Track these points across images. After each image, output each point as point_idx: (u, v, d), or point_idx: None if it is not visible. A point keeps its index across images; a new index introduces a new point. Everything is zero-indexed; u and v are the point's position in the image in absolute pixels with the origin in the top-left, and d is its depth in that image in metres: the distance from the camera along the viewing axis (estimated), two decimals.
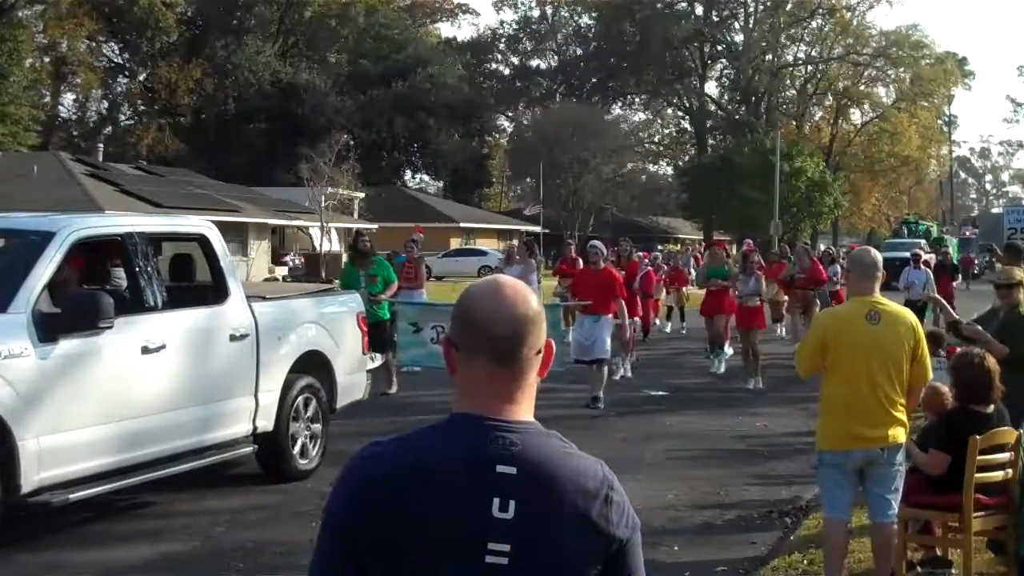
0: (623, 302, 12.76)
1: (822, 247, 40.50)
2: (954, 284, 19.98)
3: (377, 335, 12.01)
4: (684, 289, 23.04)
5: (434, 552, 1.87)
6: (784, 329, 20.72)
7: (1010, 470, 6.00)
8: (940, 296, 17.55)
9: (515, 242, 18.37)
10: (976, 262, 54.50)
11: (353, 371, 9.67)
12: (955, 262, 23.34)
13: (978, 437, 5.78)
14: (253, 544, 7.10)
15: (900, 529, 6.02)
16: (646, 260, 19.82)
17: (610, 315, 12.41)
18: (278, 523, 7.61)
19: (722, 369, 15.87)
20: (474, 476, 1.89)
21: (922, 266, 19.14)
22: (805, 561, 6.65)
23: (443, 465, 1.90)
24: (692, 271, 24.10)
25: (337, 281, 15.73)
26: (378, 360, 10.84)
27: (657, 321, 22.61)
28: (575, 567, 1.93)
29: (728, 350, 16.25)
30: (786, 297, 19.40)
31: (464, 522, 1.87)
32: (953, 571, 6.36)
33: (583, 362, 12.46)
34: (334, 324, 9.41)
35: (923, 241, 44.01)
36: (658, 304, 22.98)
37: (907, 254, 21.49)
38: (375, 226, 49.07)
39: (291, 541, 7.09)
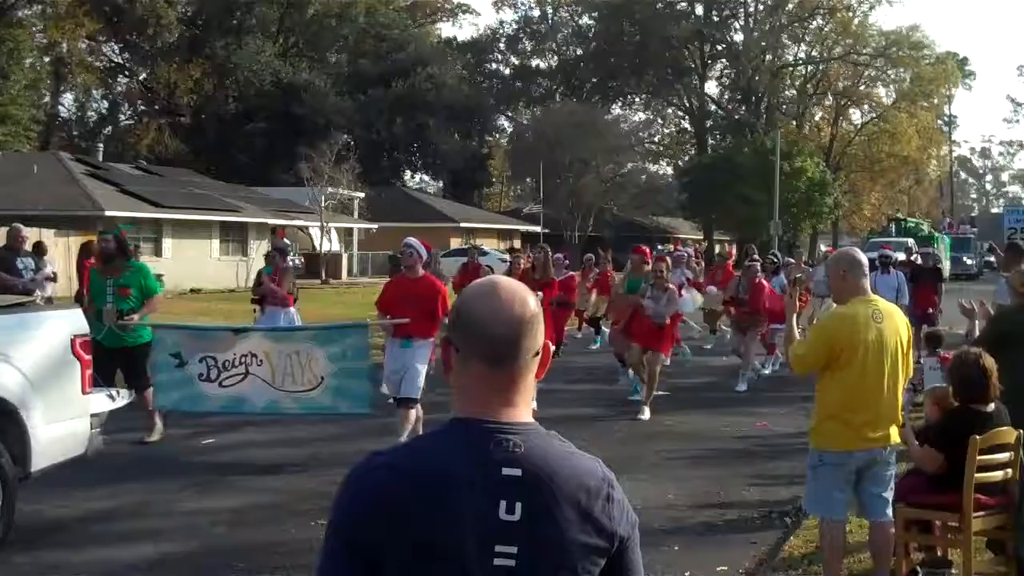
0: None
1: (823, 247, 40.09)
2: (937, 292, 16.99)
3: (130, 365, 9.94)
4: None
5: (443, 557, 1.88)
6: (712, 343, 19.08)
7: (1010, 470, 6.00)
8: (920, 304, 16.63)
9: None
10: (972, 263, 54.23)
11: (63, 418, 7.21)
12: (938, 265, 19.57)
13: (978, 437, 5.78)
14: (253, 544, 7.11)
15: (900, 528, 6.02)
16: (565, 261, 17.93)
17: (430, 339, 9.63)
18: (278, 523, 7.60)
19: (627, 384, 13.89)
20: (481, 480, 1.89)
21: (892, 269, 16.59)
22: (805, 561, 6.65)
23: (449, 470, 1.90)
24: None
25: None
26: (122, 399, 8.44)
27: (579, 334, 20.46)
28: (579, 565, 1.93)
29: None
30: (723, 310, 17.39)
31: (472, 526, 1.88)
32: (953, 571, 6.35)
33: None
34: (26, 353, 6.94)
35: (911, 241, 42.85)
36: (581, 316, 20.18)
37: (875, 254, 17.55)
38: (375, 226, 49.20)
39: (291, 541, 7.10)
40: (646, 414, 12.15)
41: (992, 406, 6.03)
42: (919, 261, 19.52)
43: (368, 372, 9.55)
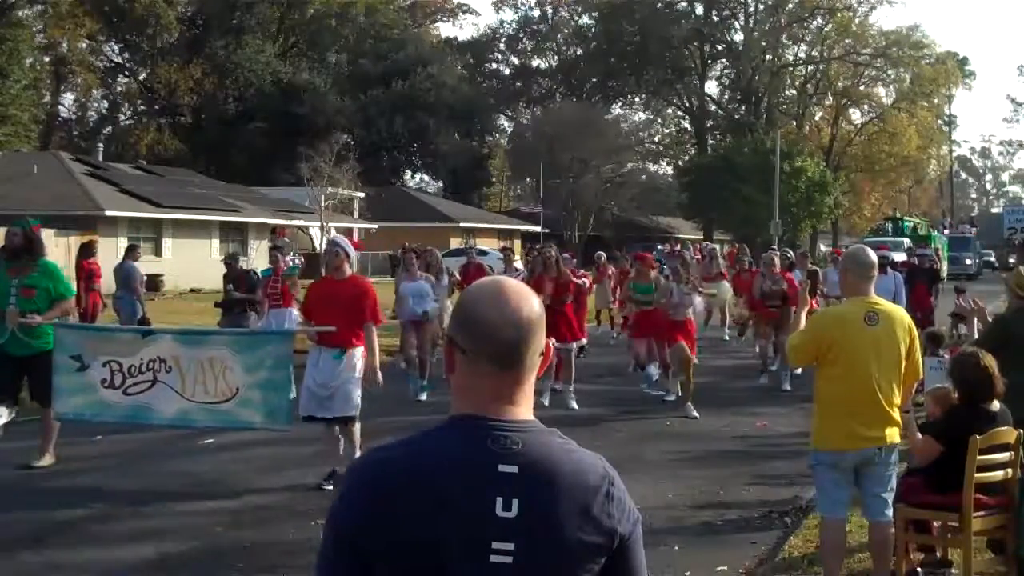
0: (373, 330, 8.63)
1: (823, 247, 39.85)
2: (933, 292, 16.75)
3: (35, 375, 8.94)
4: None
5: (440, 553, 1.88)
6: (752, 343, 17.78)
7: (1010, 470, 6.00)
8: (915, 307, 16.34)
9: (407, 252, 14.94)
10: (972, 263, 53.91)
11: None
12: (934, 267, 18.93)
13: (978, 437, 5.78)
14: (253, 544, 7.11)
15: (900, 528, 6.03)
16: (572, 260, 18.03)
17: (362, 346, 8.59)
18: (278, 523, 7.60)
19: (652, 391, 13.77)
20: (477, 477, 1.90)
21: (889, 271, 15.67)
22: (805, 561, 6.65)
23: (446, 467, 1.91)
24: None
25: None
26: (3, 416, 7.60)
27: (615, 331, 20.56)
28: (578, 563, 1.94)
29: (653, 370, 13.95)
30: (748, 313, 16.80)
31: (468, 523, 1.88)
32: (953, 571, 6.36)
33: (315, 419, 8.65)
34: None
35: (907, 241, 42.31)
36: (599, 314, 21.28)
37: None
38: (375, 226, 49.21)
39: (291, 541, 7.10)
40: (693, 411, 12.16)
41: (997, 405, 6.03)
42: (914, 262, 19.32)
43: (289, 384, 8.72)
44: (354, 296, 8.50)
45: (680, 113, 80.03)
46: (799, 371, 15.62)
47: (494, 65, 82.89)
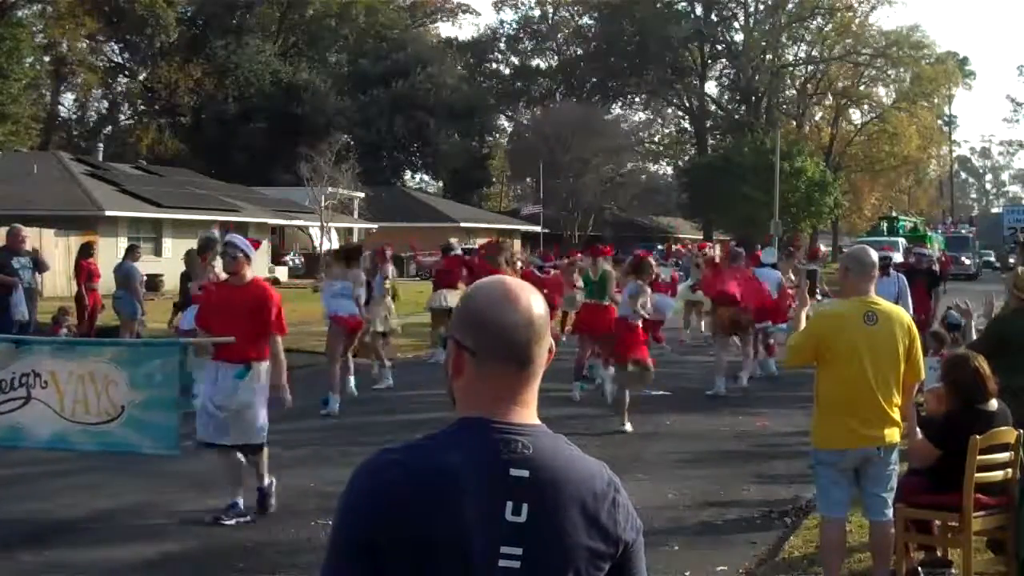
0: (279, 341, 7.67)
1: (822, 247, 39.75)
2: (933, 295, 16.37)
3: None
4: None
5: (448, 557, 1.87)
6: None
7: (1010, 470, 6.00)
8: (914, 308, 16.21)
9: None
10: (970, 263, 53.72)
11: None
12: (933, 267, 18.55)
13: (978, 437, 5.77)
14: (253, 544, 7.10)
15: (900, 528, 6.02)
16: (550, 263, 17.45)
17: (265, 361, 7.58)
18: (278, 523, 7.60)
19: (577, 397, 13.23)
20: (488, 480, 1.89)
21: (892, 272, 14.85)
22: (805, 561, 6.65)
23: (456, 470, 1.90)
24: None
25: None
26: None
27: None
28: (583, 569, 1.93)
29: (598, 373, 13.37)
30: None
31: (478, 526, 1.88)
32: (953, 571, 6.35)
33: (215, 445, 7.68)
34: None
35: (902, 240, 41.90)
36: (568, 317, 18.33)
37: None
38: (375, 226, 49.20)
39: (291, 541, 7.10)
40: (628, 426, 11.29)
41: (995, 404, 6.02)
42: (911, 262, 18.82)
43: (178, 403, 7.82)
44: (255, 303, 7.53)
45: (680, 113, 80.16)
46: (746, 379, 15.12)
47: (494, 65, 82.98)
